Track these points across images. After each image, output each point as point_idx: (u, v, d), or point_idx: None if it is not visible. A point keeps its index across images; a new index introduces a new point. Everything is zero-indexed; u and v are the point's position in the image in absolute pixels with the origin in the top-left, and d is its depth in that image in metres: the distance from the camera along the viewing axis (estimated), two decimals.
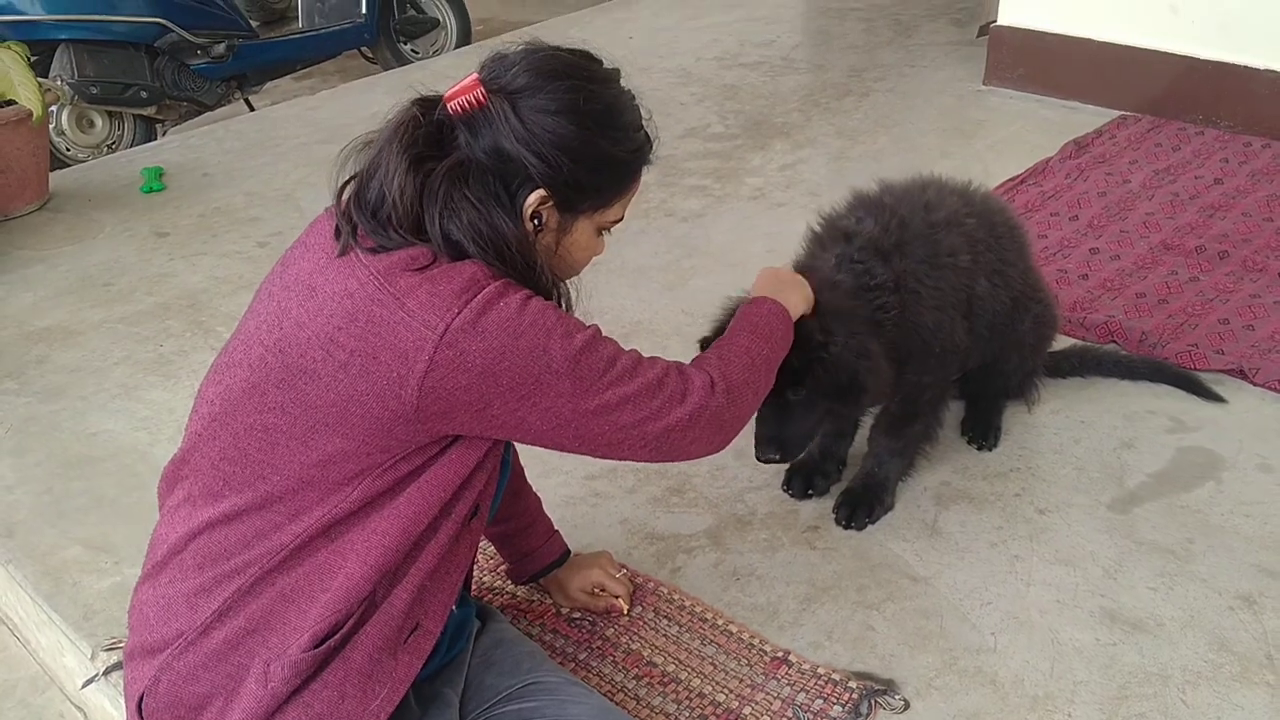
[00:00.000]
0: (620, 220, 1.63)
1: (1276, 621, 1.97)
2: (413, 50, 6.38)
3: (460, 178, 1.44)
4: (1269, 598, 2.03)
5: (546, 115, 1.45)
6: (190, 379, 2.89)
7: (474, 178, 1.45)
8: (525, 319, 1.41)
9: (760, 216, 3.68)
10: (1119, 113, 4.25)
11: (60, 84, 4.88)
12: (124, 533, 2.32)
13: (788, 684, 1.88)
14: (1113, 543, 2.18)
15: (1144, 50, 4.18)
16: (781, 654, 1.94)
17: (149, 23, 5.18)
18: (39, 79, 4.02)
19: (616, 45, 3.15)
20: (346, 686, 1.45)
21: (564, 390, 1.44)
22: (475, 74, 1.50)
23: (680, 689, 1.89)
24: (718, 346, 1.70)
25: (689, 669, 1.93)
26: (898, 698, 1.85)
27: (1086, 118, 4.24)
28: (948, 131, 4.29)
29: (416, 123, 1.47)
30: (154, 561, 1.55)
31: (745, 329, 1.73)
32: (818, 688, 1.87)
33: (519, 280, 1.47)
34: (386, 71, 5.97)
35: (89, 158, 4.99)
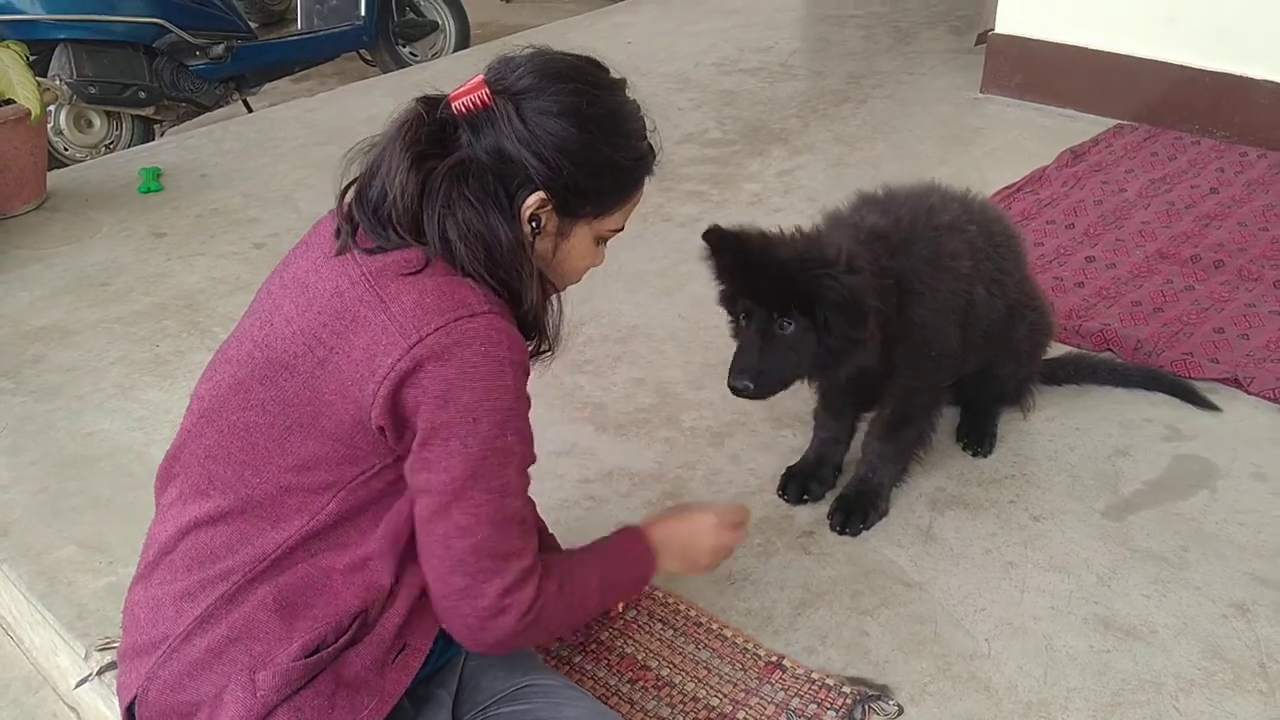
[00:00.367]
0: (620, 230, 1.63)
1: (1270, 629, 1.98)
2: (411, 53, 6.38)
3: (460, 176, 1.44)
4: (1262, 606, 2.03)
5: (548, 117, 1.46)
6: (186, 379, 2.89)
7: (474, 177, 1.45)
8: (490, 379, 1.39)
9: (758, 222, 3.63)
10: (1115, 121, 4.26)
11: (59, 83, 4.87)
12: (119, 533, 2.32)
13: (782, 689, 1.88)
14: (1107, 550, 2.18)
15: (1141, 60, 4.20)
16: (776, 659, 1.94)
17: (148, 23, 5.18)
18: (37, 78, 4.01)
19: (615, 50, 3.15)
20: (337, 699, 1.46)
21: (455, 469, 1.40)
22: (481, 75, 1.50)
23: (674, 693, 1.89)
24: (572, 571, 1.58)
25: (683, 673, 1.93)
26: (892, 703, 1.85)
27: (1083, 126, 4.25)
28: (945, 139, 4.30)
29: (420, 121, 1.48)
30: (147, 561, 1.57)
31: (604, 574, 1.63)
32: (812, 693, 1.87)
33: (504, 290, 1.46)
34: (385, 74, 5.98)
35: (86, 158, 4.99)
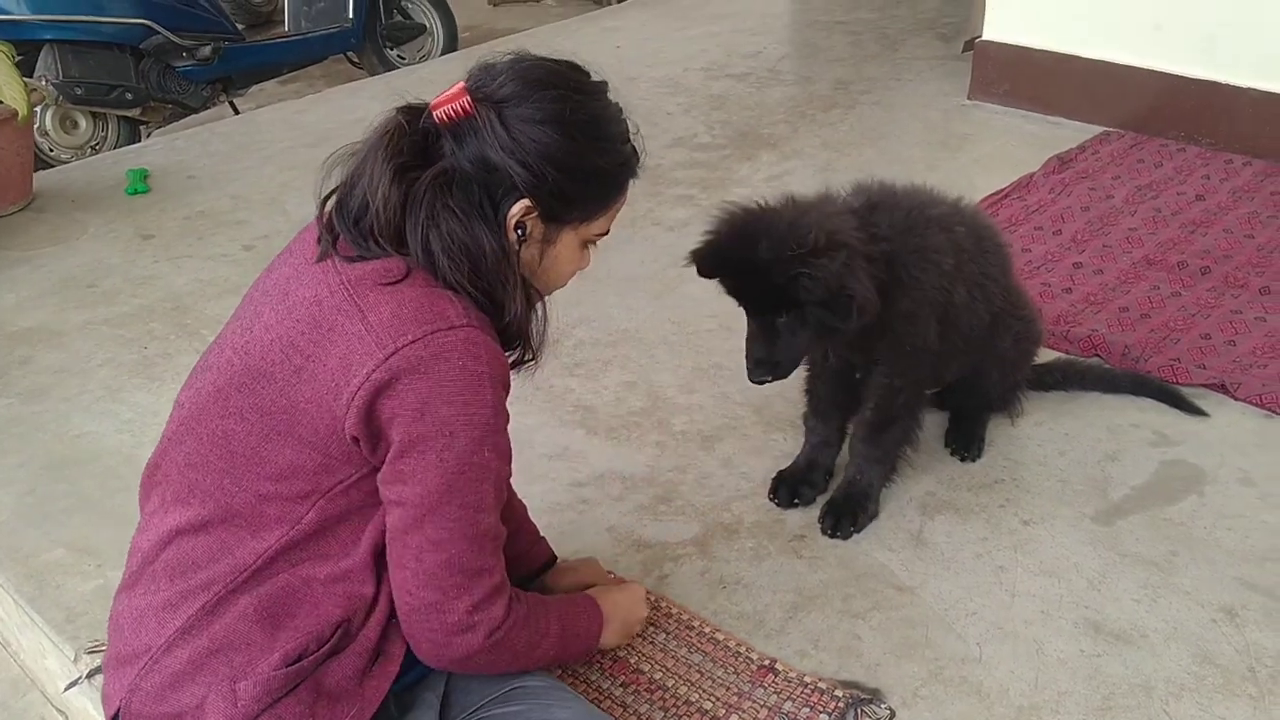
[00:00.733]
0: (606, 234, 1.63)
1: (1259, 634, 1.99)
2: (399, 56, 6.37)
3: (444, 187, 1.44)
4: (1251, 610, 2.04)
5: (532, 125, 1.45)
6: (174, 382, 2.86)
7: (458, 187, 1.45)
8: (468, 393, 1.39)
9: None
10: (1102, 128, 4.28)
11: (45, 84, 4.85)
12: (107, 535, 2.30)
13: (774, 692, 1.88)
14: (1096, 554, 2.19)
15: (1127, 67, 4.22)
16: (768, 662, 1.95)
17: (134, 24, 5.17)
18: (24, 79, 3.99)
19: (604, 55, 3.16)
20: (317, 707, 1.46)
21: (430, 482, 1.40)
22: (462, 83, 1.50)
23: (667, 696, 1.89)
24: (539, 604, 1.63)
25: (676, 676, 1.93)
26: (884, 706, 1.85)
27: (1070, 133, 4.27)
28: (933, 145, 4.31)
29: (401, 131, 1.47)
30: (131, 570, 1.57)
31: (563, 622, 1.67)
32: (804, 696, 1.87)
33: (487, 301, 1.46)
34: (372, 77, 5.97)
35: (72, 159, 4.97)
